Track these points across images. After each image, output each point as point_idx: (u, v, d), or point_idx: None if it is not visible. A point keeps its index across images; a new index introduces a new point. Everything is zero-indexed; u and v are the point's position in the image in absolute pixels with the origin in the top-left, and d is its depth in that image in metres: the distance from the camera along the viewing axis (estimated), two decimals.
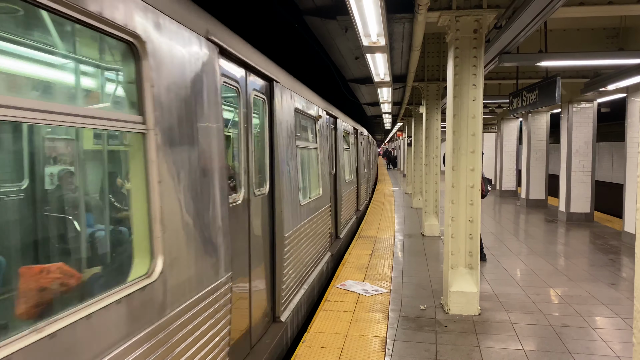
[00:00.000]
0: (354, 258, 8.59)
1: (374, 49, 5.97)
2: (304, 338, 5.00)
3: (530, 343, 4.97)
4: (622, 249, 9.49)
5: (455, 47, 5.66)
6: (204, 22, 3.22)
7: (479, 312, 5.73)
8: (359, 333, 5.15)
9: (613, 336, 5.16)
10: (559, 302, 6.31)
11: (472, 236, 5.76)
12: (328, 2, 6.52)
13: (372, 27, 5.14)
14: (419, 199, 15.50)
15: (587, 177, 12.82)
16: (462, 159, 5.75)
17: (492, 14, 5.60)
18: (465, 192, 5.76)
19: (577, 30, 9.26)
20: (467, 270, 5.78)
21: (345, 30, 7.35)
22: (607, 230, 11.73)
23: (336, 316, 5.65)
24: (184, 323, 2.73)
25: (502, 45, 6.57)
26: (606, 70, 10.07)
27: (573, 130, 12.84)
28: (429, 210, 11.08)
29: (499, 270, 7.87)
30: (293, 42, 13.54)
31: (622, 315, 5.73)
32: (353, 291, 6.59)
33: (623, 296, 6.47)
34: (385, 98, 12.51)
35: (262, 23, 12.83)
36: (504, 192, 19.74)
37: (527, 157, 16.24)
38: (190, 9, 3.05)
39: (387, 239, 10.40)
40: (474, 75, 5.65)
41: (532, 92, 8.24)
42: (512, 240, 10.63)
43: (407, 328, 5.35)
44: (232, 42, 3.75)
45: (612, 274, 7.62)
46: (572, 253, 9.34)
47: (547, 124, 16.10)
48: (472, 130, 5.68)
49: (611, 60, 8.10)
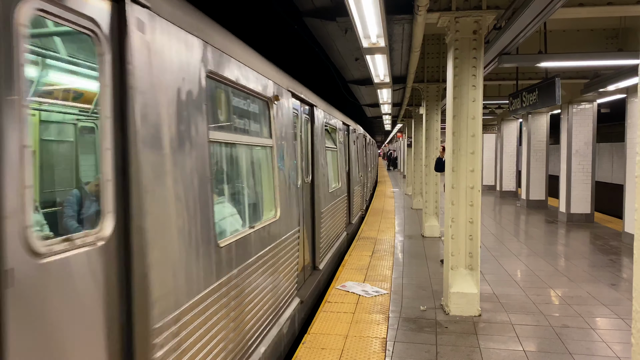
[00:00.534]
0: (354, 259, 8.58)
1: (374, 50, 5.97)
2: (304, 339, 5.00)
3: (530, 344, 4.96)
4: (623, 250, 9.48)
5: (454, 48, 5.67)
6: (287, 80, 5.50)
7: (479, 313, 5.73)
8: (360, 334, 5.15)
9: (613, 337, 5.15)
10: (560, 302, 6.30)
11: (472, 237, 5.76)
12: (328, 4, 6.52)
13: (371, 29, 5.15)
14: (419, 200, 15.50)
15: (587, 178, 12.82)
16: (462, 160, 5.75)
17: (491, 15, 5.60)
18: (465, 193, 5.76)
19: (576, 31, 9.27)
20: (468, 271, 5.78)
21: (345, 31, 7.36)
22: (608, 230, 11.72)
23: (336, 317, 5.65)
24: (284, 244, 4.95)
25: (502, 46, 6.58)
26: (606, 70, 10.08)
27: (573, 131, 12.84)
28: (429, 212, 11.08)
29: (500, 271, 7.87)
30: (293, 42, 13.57)
31: (622, 316, 5.73)
32: (353, 292, 6.59)
33: (623, 297, 6.46)
34: (385, 99, 12.52)
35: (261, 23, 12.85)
36: (504, 193, 19.74)
37: (527, 158, 16.24)
38: (288, 79, 5.55)
39: (387, 240, 10.39)
40: (473, 76, 5.65)
41: (532, 93, 8.25)
42: (513, 241, 10.62)
43: (407, 329, 5.35)
44: (295, 86, 5.87)
45: (612, 275, 7.61)
46: (572, 254, 9.34)
47: (547, 124, 16.11)
48: (472, 131, 5.68)
49: (611, 61, 8.11)
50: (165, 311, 2.48)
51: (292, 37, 11.92)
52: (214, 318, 3.10)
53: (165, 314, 2.48)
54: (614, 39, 9.11)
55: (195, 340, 2.82)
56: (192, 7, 3.11)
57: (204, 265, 2.98)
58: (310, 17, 6.93)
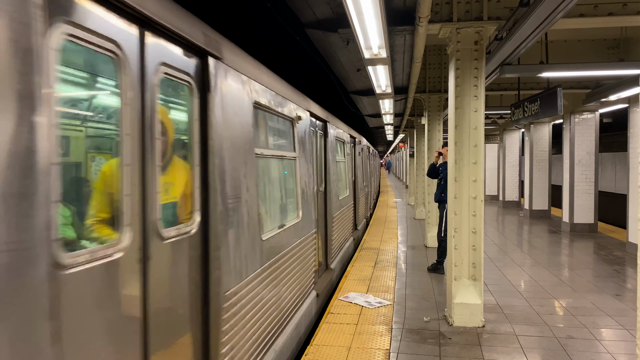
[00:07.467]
0: (357, 270, 8.55)
1: (376, 61, 5.99)
2: (307, 351, 4.97)
3: (535, 355, 4.92)
4: (627, 260, 9.42)
5: (456, 58, 5.69)
6: (305, 101, 6.25)
7: (483, 324, 5.69)
8: (362, 346, 5.11)
9: (619, 348, 5.11)
10: (564, 313, 6.26)
11: (475, 247, 5.74)
12: (329, 15, 6.57)
13: (373, 40, 5.17)
14: (421, 210, 15.46)
15: (590, 188, 12.78)
16: (464, 170, 5.74)
17: (492, 26, 5.64)
18: (468, 203, 5.75)
19: (578, 41, 9.31)
20: (471, 281, 5.75)
21: (346, 42, 7.39)
22: (611, 240, 11.67)
23: (339, 329, 5.61)
24: (305, 243, 5.72)
25: (503, 56, 6.60)
26: (607, 80, 10.10)
27: (575, 141, 12.83)
28: (431, 222, 11.04)
29: (503, 282, 7.82)
30: (296, 53, 13.64)
31: (627, 327, 5.68)
32: (356, 303, 6.56)
33: (628, 307, 6.41)
34: (387, 109, 12.55)
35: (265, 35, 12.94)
36: (507, 203, 19.70)
37: (529, 167, 16.22)
38: (306, 100, 6.36)
39: (390, 251, 10.36)
40: (475, 86, 5.67)
41: (534, 103, 8.26)
42: (516, 252, 10.57)
43: (410, 340, 5.31)
44: (311, 106, 6.66)
45: (616, 285, 7.56)
46: (576, 264, 9.28)
47: (549, 134, 16.11)
48: (474, 141, 5.69)
49: (612, 71, 8.12)
50: (230, 282, 3.30)
51: (295, 48, 12.00)
52: (261, 293, 3.98)
53: (230, 285, 3.29)
54: (615, 49, 9.14)
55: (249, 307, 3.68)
56: (244, 53, 3.95)
57: (253, 253, 3.80)
58: (312, 28, 6.97)
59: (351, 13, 4.27)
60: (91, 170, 2.41)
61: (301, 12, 6.62)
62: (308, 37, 7.66)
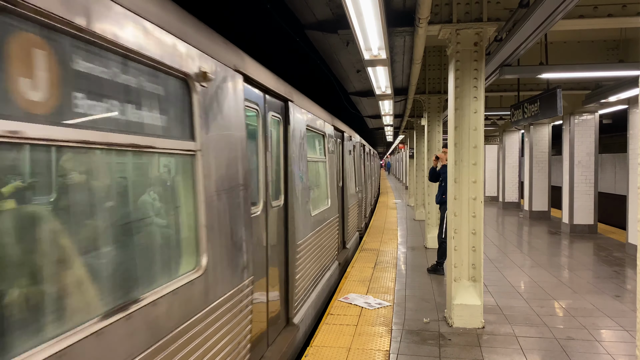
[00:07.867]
0: (357, 271, 8.55)
1: (375, 62, 6.00)
2: (307, 352, 4.97)
3: (535, 356, 4.92)
4: (627, 261, 9.42)
5: (456, 60, 5.70)
6: (330, 118, 8.14)
7: (482, 325, 5.69)
8: (362, 347, 5.11)
9: (618, 349, 5.10)
10: (564, 314, 6.26)
11: (475, 249, 5.74)
12: (329, 17, 6.57)
13: (373, 41, 5.17)
14: (421, 211, 15.46)
15: (590, 189, 12.78)
16: (464, 171, 5.75)
17: (492, 27, 5.64)
18: (468, 205, 5.75)
19: (577, 42, 9.32)
20: (471, 282, 5.75)
21: (346, 43, 7.40)
22: (611, 241, 11.67)
23: (339, 330, 5.61)
24: (332, 223, 7.85)
25: (503, 57, 6.61)
26: (607, 82, 10.10)
27: (575, 142, 12.83)
28: (431, 223, 11.04)
29: (503, 283, 7.82)
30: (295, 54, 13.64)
31: (627, 328, 5.68)
32: (356, 304, 6.55)
33: (628, 308, 6.41)
34: (387, 111, 12.55)
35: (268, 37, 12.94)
36: (507, 204, 19.69)
37: (529, 168, 16.22)
38: (331, 117, 8.39)
39: (390, 252, 10.36)
40: (475, 87, 5.67)
41: (534, 104, 8.26)
42: (516, 253, 10.57)
43: (410, 341, 5.31)
44: (334, 121, 8.48)
45: (616, 286, 7.56)
46: (576, 265, 9.28)
47: (549, 135, 16.11)
48: (473, 142, 5.69)
49: (612, 72, 8.13)
50: (300, 237, 5.43)
51: (295, 49, 12.00)
52: (312, 248, 6.17)
53: (300, 239, 5.42)
54: (614, 50, 9.15)
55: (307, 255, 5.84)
56: (301, 94, 6.03)
57: (308, 223, 5.91)
58: (312, 29, 6.97)
59: (351, 14, 4.27)
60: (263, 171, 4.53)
61: (301, 13, 6.62)
62: (307, 38, 7.67)
